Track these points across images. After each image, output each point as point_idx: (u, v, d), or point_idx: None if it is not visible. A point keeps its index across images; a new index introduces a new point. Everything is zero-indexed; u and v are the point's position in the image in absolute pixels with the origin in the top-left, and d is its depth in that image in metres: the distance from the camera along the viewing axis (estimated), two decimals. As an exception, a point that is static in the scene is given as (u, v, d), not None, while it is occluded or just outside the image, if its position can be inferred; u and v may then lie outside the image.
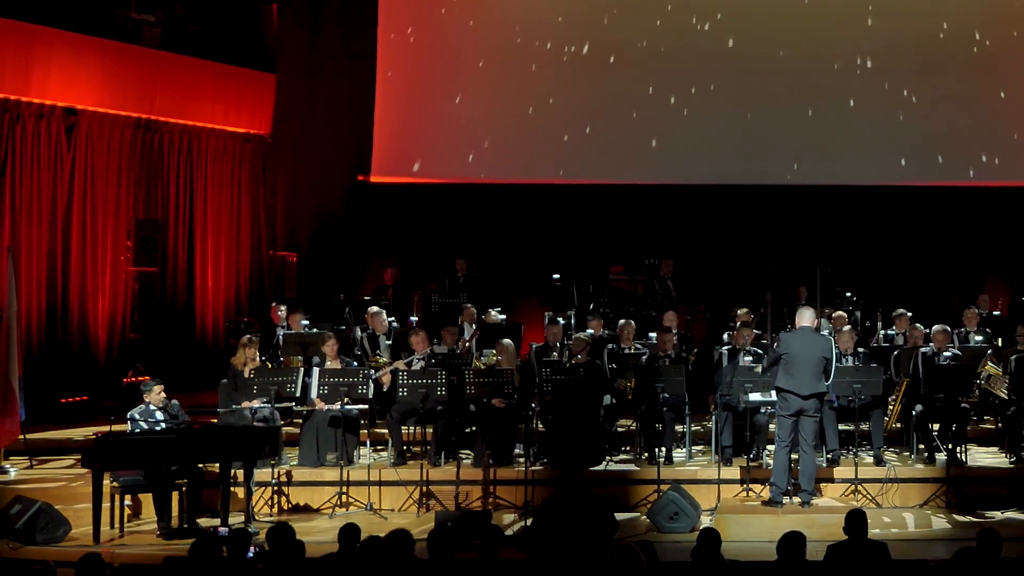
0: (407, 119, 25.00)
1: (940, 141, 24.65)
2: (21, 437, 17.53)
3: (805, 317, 16.09)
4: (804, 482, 15.79)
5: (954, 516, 15.75)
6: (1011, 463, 16.95)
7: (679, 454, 17.51)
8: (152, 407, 15.45)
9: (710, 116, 24.63)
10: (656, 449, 17.21)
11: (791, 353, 15.75)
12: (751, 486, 16.42)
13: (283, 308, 20.32)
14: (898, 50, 24.69)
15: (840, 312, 20.72)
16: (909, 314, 19.97)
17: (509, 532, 14.73)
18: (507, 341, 18.24)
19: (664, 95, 24.71)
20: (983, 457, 17.56)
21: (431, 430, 17.41)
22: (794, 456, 15.92)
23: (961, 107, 24.63)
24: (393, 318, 20.73)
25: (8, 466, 17.13)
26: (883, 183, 24.59)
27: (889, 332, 20.11)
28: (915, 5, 24.62)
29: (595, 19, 24.86)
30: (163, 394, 15.57)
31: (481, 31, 24.87)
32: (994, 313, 21.76)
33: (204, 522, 15.12)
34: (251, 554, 11.20)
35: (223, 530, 14.42)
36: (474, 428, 17.16)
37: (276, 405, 16.72)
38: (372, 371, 17.76)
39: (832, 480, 16.49)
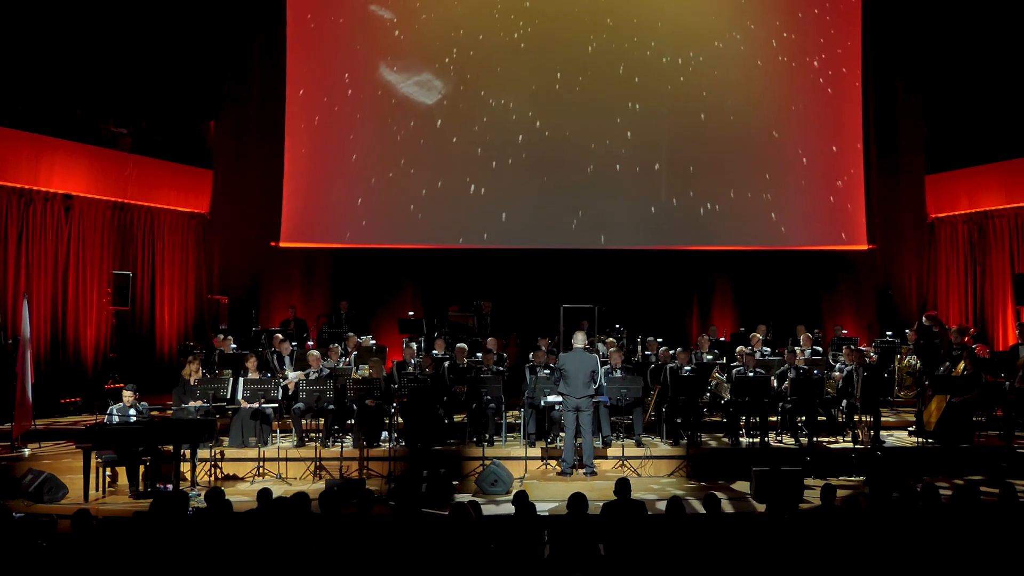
0: (306, 202, 24.89)
1: (673, 214, 24.94)
2: (33, 426, 17.75)
3: (578, 340, 16.35)
4: (586, 459, 16.05)
5: (692, 483, 16.00)
6: (731, 445, 17.30)
7: (498, 439, 17.58)
8: (126, 405, 15.57)
9: (520, 196, 24.71)
10: (481, 435, 17.43)
11: (567, 368, 16.08)
12: (548, 461, 16.68)
13: (221, 336, 20.43)
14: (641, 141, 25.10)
15: (612, 338, 20.97)
16: (660, 339, 20.34)
17: (378, 494, 14.81)
18: (376, 359, 18.42)
19: (488, 179, 24.78)
20: (712, 441, 17.82)
21: (323, 421, 17.48)
22: (579, 440, 16.18)
23: (687, 190, 25.05)
24: (296, 343, 20.80)
25: (25, 449, 17.19)
26: (639, 247, 24.80)
27: (646, 353, 20.26)
28: (667, 112, 25.00)
29: (431, 126, 25.02)
30: (133, 395, 15.71)
31: (352, 140, 24.94)
32: (720, 339, 22.18)
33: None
34: (191, 511, 11.28)
35: (169, 486, 14.82)
36: (353, 420, 17.18)
37: (213, 404, 16.75)
38: (282, 380, 17.90)
39: (606, 457, 16.66)
